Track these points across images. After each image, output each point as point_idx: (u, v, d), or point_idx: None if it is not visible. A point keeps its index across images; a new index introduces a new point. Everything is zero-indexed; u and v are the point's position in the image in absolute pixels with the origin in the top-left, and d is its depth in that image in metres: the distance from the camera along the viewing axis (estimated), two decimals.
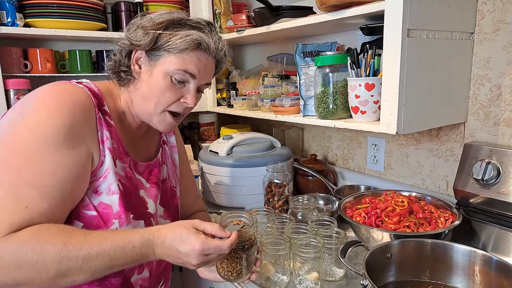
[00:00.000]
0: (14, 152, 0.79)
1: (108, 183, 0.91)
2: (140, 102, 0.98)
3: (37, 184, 0.78)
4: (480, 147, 1.15)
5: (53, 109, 0.82)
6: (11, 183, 0.77)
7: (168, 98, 0.95)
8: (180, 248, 0.80)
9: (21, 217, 0.75)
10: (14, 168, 0.78)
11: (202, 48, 0.94)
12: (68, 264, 0.75)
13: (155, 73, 0.94)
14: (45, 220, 0.78)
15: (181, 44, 0.91)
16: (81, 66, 1.90)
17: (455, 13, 1.11)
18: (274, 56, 1.87)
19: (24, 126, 0.80)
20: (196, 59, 0.94)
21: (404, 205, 1.14)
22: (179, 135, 1.28)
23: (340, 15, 1.16)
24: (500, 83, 1.15)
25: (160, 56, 0.93)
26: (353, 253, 1.05)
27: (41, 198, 0.78)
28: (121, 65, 0.97)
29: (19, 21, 1.64)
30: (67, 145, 0.82)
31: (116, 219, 0.92)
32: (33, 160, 0.78)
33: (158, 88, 0.94)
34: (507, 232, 1.09)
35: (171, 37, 0.92)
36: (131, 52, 0.96)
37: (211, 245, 0.80)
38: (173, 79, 0.94)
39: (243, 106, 1.72)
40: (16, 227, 0.74)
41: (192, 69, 0.94)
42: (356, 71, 1.15)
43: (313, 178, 1.64)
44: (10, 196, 0.76)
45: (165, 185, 1.13)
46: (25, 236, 0.74)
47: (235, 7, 1.90)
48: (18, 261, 0.72)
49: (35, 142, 0.79)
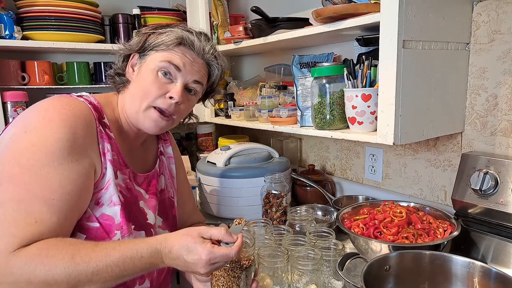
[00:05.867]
0: (20, 167, 0.78)
1: (110, 195, 0.92)
2: (128, 100, 1.01)
3: (46, 199, 0.78)
4: (478, 157, 1.15)
5: (56, 124, 0.82)
6: (19, 198, 0.76)
7: (153, 92, 0.96)
8: (187, 258, 0.80)
9: (31, 232, 0.75)
10: (21, 183, 0.77)
11: (185, 43, 0.98)
12: (78, 277, 0.74)
13: (142, 70, 0.98)
14: (54, 234, 0.77)
15: (166, 40, 0.97)
16: (79, 78, 1.91)
17: (450, 24, 1.12)
18: (271, 67, 1.87)
19: (27, 141, 0.80)
20: (181, 54, 0.98)
21: (402, 216, 1.14)
22: (175, 145, 1.28)
23: (336, 26, 1.17)
24: (496, 92, 1.15)
25: (148, 55, 0.99)
26: (352, 265, 1.04)
27: (50, 212, 0.78)
28: (117, 69, 1.03)
29: (17, 33, 1.65)
30: (71, 158, 0.82)
31: (118, 230, 0.93)
32: (40, 175, 0.78)
33: (144, 82, 0.97)
34: (506, 242, 1.09)
35: (158, 36, 0.98)
36: (128, 58, 1.02)
37: (218, 254, 0.80)
38: (159, 74, 0.96)
39: (241, 116, 1.72)
40: (26, 242, 0.74)
41: (177, 61, 0.96)
42: (353, 82, 1.16)
43: (311, 188, 1.64)
44: (19, 212, 0.75)
45: (163, 196, 1.14)
46: (34, 251, 0.73)
47: (232, 19, 1.91)
48: (28, 276, 0.72)
49: (40, 157, 0.79)
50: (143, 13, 1.99)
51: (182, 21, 2.03)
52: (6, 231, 0.73)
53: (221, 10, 1.84)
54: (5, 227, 0.74)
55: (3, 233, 0.73)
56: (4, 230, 0.74)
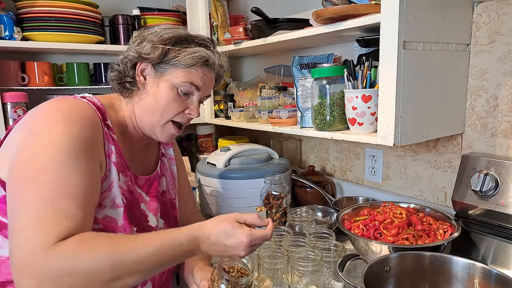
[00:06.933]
0: (36, 169, 0.78)
1: (113, 197, 0.93)
2: (144, 113, 1.00)
3: (70, 195, 0.78)
4: (478, 158, 1.15)
5: (64, 124, 0.82)
6: (44, 198, 0.75)
7: (173, 109, 0.99)
8: (227, 242, 0.83)
9: (65, 226, 0.74)
10: (43, 183, 0.76)
11: (208, 64, 1.00)
12: (121, 267, 0.74)
13: (161, 85, 0.98)
14: (84, 229, 0.77)
15: (190, 60, 0.97)
16: (78, 79, 1.90)
17: (451, 25, 1.12)
18: (271, 68, 1.87)
19: (38, 143, 0.80)
20: (201, 74, 1.00)
21: (402, 217, 1.14)
22: (176, 147, 1.29)
23: (336, 27, 1.17)
24: (496, 94, 1.15)
25: (167, 69, 0.98)
26: (352, 266, 1.04)
27: (78, 207, 0.78)
28: (126, 76, 1.00)
29: (17, 34, 1.65)
30: (83, 156, 0.82)
31: (121, 232, 0.93)
32: (58, 173, 0.78)
33: (164, 99, 0.98)
34: (506, 244, 1.09)
35: (180, 53, 0.97)
36: (136, 64, 0.99)
37: (257, 235, 0.85)
38: (179, 91, 0.99)
39: (241, 117, 1.72)
40: (63, 236, 0.73)
41: (198, 82, 0.99)
42: (353, 83, 1.16)
43: (311, 189, 1.63)
44: (47, 210, 0.75)
45: (165, 197, 1.14)
46: (72, 244, 0.73)
47: (232, 20, 1.91)
48: (70, 269, 0.71)
49: (53, 156, 0.79)
50: (143, 14, 1.99)
51: (182, 21, 2.04)
52: (38, 229, 0.72)
53: (221, 11, 1.84)
54: (35, 227, 0.72)
55: (37, 231, 0.72)
56: (36, 229, 0.72)
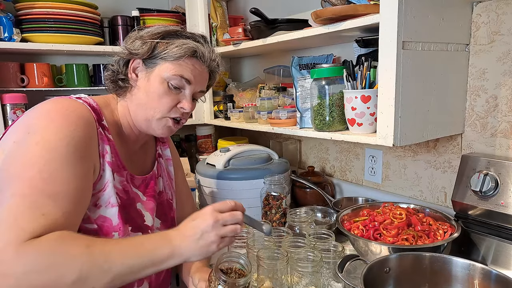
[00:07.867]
0: (24, 165, 0.79)
1: (108, 196, 0.93)
2: (137, 108, 1.01)
3: (51, 193, 0.77)
4: (478, 159, 1.15)
5: (59, 124, 0.83)
6: (24, 193, 0.76)
7: (166, 103, 0.99)
8: (194, 224, 0.86)
9: (41, 224, 0.74)
10: (25, 179, 0.77)
11: (197, 55, 0.99)
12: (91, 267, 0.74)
13: (152, 79, 0.98)
14: (61, 228, 0.77)
15: (178, 52, 0.96)
16: (78, 80, 1.90)
17: (450, 25, 1.11)
18: (271, 68, 1.87)
19: (32, 142, 0.81)
20: (191, 66, 0.99)
21: (402, 218, 1.13)
22: (173, 147, 1.29)
23: (336, 28, 1.16)
24: (496, 94, 1.15)
25: (157, 64, 0.98)
26: (351, 267, 1.03)
27: (57, 206, 0.77)
28: (119, 74, 1.01)
29: (16, 36, 1.65)
30: (75, 156, 0.83)
31: (116, 231, 0.93)
32: (44, 171, 0.78)
33: (155, 93, 0.98)
34: (506, 244, 1.08)
35: (168, 46, 0.97)
36: (129, 62, 1.00)
37: (222, 207, 0.89)
38: (169, 85, 0.98)
39: (240, 118, 1.72)
40: (37, 234, 0.73)
41: (188, 75, 0.99)
42: (352, 83, 1.15)
43: (310, 190, 1.63)
44: (25, 206, 0.75)
45: (162, 198, 1.14)
46: (45, 242, 0.72)
47: (231, 20, 1.91)
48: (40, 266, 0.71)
49: (43, 154, 0.79)
50: (142, 15, 1.99)
51: (181, 22, 2.03)
52: (14, 223, 0.72)
53: (220, 12, 1.84)
54: (11, 220, 0.73)
55: (11, 225, 0.72)
56: (11, 222, 0.72)
